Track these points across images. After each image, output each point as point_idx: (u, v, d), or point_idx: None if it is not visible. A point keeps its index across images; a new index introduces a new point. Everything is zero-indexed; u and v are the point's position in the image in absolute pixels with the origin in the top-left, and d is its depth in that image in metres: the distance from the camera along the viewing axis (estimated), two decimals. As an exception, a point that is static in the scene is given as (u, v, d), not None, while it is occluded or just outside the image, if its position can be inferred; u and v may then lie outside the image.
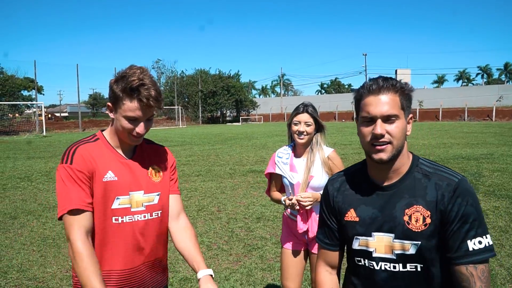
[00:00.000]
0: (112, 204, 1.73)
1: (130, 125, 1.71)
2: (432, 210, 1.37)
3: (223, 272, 4.42)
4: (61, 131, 41.75)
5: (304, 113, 2.75)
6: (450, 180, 1.38)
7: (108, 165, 1.75)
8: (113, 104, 1.73)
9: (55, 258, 4.98)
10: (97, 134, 1.86)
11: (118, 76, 1.70)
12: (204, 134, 30.19)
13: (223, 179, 10.16)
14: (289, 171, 2.80)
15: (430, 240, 1.37)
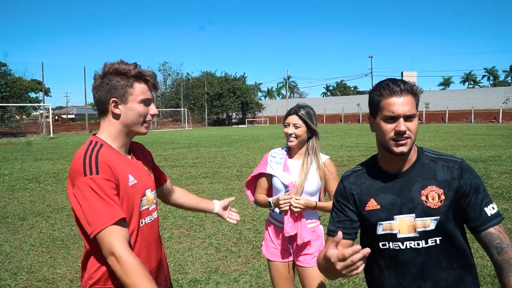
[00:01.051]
0: (140, 207, 1.72)
1: (145, 109, 1.72)
2: (445, 188, 1.57)
3: (232, 274, 4.42)
4: (68, 133, 42.01)
5: (293, 115, 2.68)
6: (454, 161, 1.62)
7: (125, 169, 1.67)
8: (119, 96, 1.67)
9: (64, 260, 5.00)
10: (96, 139, 1.70)
11: (108, 72, 1.67)
12: (210, 136, 30.24)
13: (230, 181, 10.17)
14: (281, 171, 2.72)
15: (446, 213, 1.56)
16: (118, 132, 1.72)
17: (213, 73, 67.53)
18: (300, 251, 2.68)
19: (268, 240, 2.81)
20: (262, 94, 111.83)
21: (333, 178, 2.69)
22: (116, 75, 1.66)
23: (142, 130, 1.75)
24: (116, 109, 1.68)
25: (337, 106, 65.20)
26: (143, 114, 1.72)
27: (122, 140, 1.74)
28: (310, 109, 2.77)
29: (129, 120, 1.70)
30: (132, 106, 1.68)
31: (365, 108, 64.83)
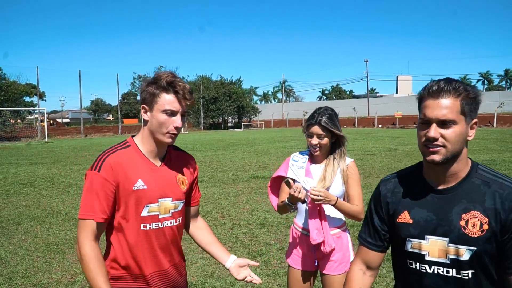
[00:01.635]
0: (142, 212, 1.79)
1: (168, 120, 1.76)
2: (491, 217, 1.36)
3: (228, 278, 4.41)
4: (63, 137, 41.81)
5: (316, 125, 2.51)
6: (509, 186, 1.38)
7: (138, 173, 1.79)
8: (148, 103, 1.78)
9: (59, 264, 4.98)
10: (128, 140, 1.89)
11: (150, 80, 1.79)
12: (206, 140, 30.22)
13: (226, 185, 10.16)
14: (303, 175, 2.58)
15: (485, 246, 1.36)
16: (146, 136, 1.84)
17: (208, 77, 67.45)
18: (325, 258, 2.61)
19: (292, 247, 2.74)
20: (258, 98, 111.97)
21: (355, 182, 2.57)
22: (152, 84, 1.77)
23: (164, 139, 1.80)
24: (145, 115, 1.81)
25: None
26: (165, 124, 1.76)
27: (151, 145, 1.84)
28: (331, 111, 2.60)
29: (152, 128, 1.79)
30: (155, 115, 1.76)
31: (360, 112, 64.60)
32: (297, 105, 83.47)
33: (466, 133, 1.39)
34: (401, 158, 15.09)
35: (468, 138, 1.41)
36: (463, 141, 1.40)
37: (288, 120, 68.67)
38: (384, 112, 62.09)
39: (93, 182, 1.72)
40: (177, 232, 1.96)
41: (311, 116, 2.60)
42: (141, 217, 1.79)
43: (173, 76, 1.76)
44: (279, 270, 4.62)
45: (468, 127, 1.40)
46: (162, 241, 1.87)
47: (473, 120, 1.40)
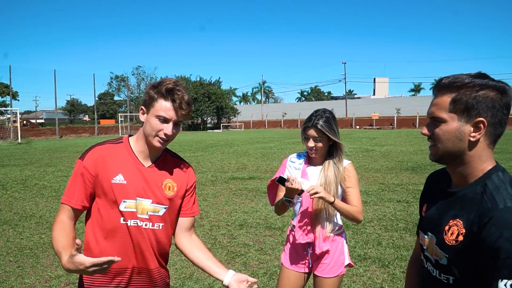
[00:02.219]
0: (120, 205, 1.83)
1: (159, 125, 1.79)
2: (468, 230, 1.26)
3: (207, 280, 4.39)
4: (37, 138, 40.85)
5: (312, 128, 2.50)
6: (495, 203, 1.22)
7: (120, 168, 1.84)
8: (146, 105, 1.83)
9: (33, 269, 4.85)
10: (123, 137, 1.95)
11: (155, 83, 1.84)
12: (185, 141, 30.01)
13: (204, 187, 10.12)
14: (300, 177, 2.58)
15: (458, 257, 1.29)
16: (140, 136, 1.89)
17: (187, 77, 67.06)
18: (319, 260, 2.60)
19: (288, 248, 2.72)
20: (237, 99, 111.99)
21: (353, 184, 2.56)
22: (154, 87, 1.81)
23: (154, 142, 1.83)
24: (142, 116, 1.86)
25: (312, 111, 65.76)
26: (156, 129, 1.79)
27: (142, 145, 1.89)
28: (329, 114, 2.57)
29: (145, 130, 1.84)
30: (149, 118, 1.81)
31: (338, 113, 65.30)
32: (276, 106, 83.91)
33: (460, 132, 1.30)
34: (378, 159, 15.33)
35: (470, 138, 1.29)
36: (457, 140, 1.31)
37: (267, 121, 68.86)
38: (362, 113, 62.97)
39: (76, 170, 1.84)
40: (160, 237, 1.90)
41: (309, 118, 2.58)
42: (120, 211, 1.83)
43: (175, 84, 1.80)
44: (258, 271, 4.62)
45: (466, 126, 1.29)
46: (138, 240, 1.85)
47: (475, 118, 1.27)
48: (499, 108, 1.26)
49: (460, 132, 1.30)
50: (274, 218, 6.86)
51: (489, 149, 1.32)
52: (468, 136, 1.29)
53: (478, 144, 1.30)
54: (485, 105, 1.26)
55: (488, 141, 1.31)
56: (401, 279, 4.29)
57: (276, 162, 15.05)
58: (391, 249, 5.26)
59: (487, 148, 1.32)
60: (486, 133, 1.29)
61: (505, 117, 1.29)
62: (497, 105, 1.26)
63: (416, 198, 8.23)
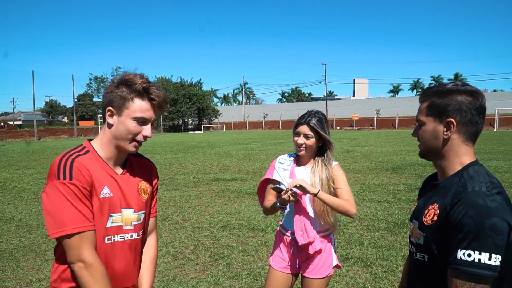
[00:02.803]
0: (107, 222, 1.65)
1: (137, 128, 1.65)
2: (441, 211, 1.45)
3: (190, 282, 4.39)
4: (15, 140, 40.00)
5: (305, 124, 2.54)
6: (465, 187, 1.42)
7: (103, 180, 1.64)
8: (116, 106, 1.63)
9: (13, 272, 4.76)
10: (86, 145, 1.71)
11: (119, 81, 1.64)
12: (166, 143, 29.78)
13: (187, 188, 10.07)
14: (288, 178, 2.61)
15: (432, 235, 1.46)
16: (108, 141, 1.69)
17: (168, 78, 66.65)
18: (308, 261, 2.62)
19: (276, 249, 2.74)
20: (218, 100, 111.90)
21: (342, 180, 2.60)
22: (124, 85, 1.63)
23: (129, 148, 1.68)
24: (110, 118, 1.66)
25: (293, 112, 66.11)
26: (133, 132, 1.65)
27: (111, 151, 1.70)
28: (322, 115, 2.62)
29: (118, 133, 1.65)
30: (124, 120, 1.63)
31: (320, 114, 66.83)
32: (257, 108, 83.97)
33: (435, 131, 1.51)
34: (358, 160, 15.50)
35: (444, 136, 1.50)
36: (433, 138, 1.52)
37: (248, 122, 68.89)
38: (342, 114, 63.61)
39: (70, 193, 1.53)
40: (140, 247, 1.82)
41: (301, 116, 2.62)
42: (107, 228, 1.64)
43: (148, 81, 1.65)
44: (241, 272, 4.63)
45: (440, 126, 1.50)
46: (125, 256, 1.72)
47: (446, 119, 1.48)
48: (467, 110, 1.46)
49: (435, 131, 1.52)
50: (257, 219, 6.89)
51: (465, 145, 1.51)
52: (442, 134, 1.51)
53: (451, 141, 1.50)
54: (453, 107, 1.47)
55: (463, 138, 1.50)
56: (383, 279, 4.37)
57: (258, 163, 15.08)
58: (373, 249, 5.33)
59: (462, 144, 1.51)
60: (459, 131, 1.48)
61: (476, 117, 1.47)
62: (465, 107, 1.46)
63: (397, 198, 8.37)
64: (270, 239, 5.76)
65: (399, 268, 4.64)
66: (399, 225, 6.38)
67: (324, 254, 2.63)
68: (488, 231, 1.30)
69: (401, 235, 5.87)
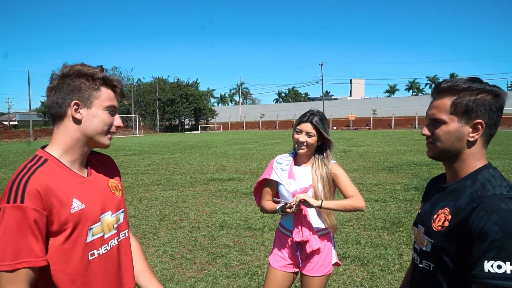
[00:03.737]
0: (87, 237, 1.45)
1: (111, 118, 1.52)
2: (455, 216, 1.33)
3: (188, 281, 4.39)
4: (10, 140, 39.83)
5: (307, 122, 2.56)
6: (484, 191, 1.30)
7: (70, 192, 1.42)
8: (83, 98, 1.46)
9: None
10: (42, 154, 1.47)
11: (70, 73, 1.46)
12: (163, 143, 29.77)
13: (184, 188, 10.07)
14: (287, 178, 2.63)
15: (443, 242, 1.35)
16: (74, 141, 1.48)
17: (165, 78, 66.56)
18: (308, 259, 2.64)
19: (276, 248, 2.75)
20: (215, 100, 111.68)
21: (344, 177, 2.63)
22: (80, 77, 1.46)
23: (106, 141, 1.53)
24: (77, 113, 1.46)
25: (289, 113, 66.28)
26: (108, 123, 1.51)
27: (78, 151, 1.50)
28: (322, 115, 2.66)
29: (91, 128, 1.48)
30: (96, 112, 1.48)
31: (316, 114, 67.58)
32: (254, 108, 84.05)
33: (460, 132, 1.39)
34: (355, 159, 15.54)
35: (469, 138, 1.38)
36: (456, 140, 1.39)
37: (245, 122, 68.93)
38: (339, 114, 63.78)
39: (19, 218, 1.27)
40: (126, 249, 1.66)
41: (303, 114, 2.64)
42: (87, 244, 1.45)
43: (99, 67, 1.51)
44: (239, 271, 4.65)
45: (465, 127, 1.38)
46: (113, 267, 1.56)
47: (474, 120, 1.36)
48: (495, 111, 1.36)
49: (460, 132, 1.38)
50: (254, 219, 6.90)
51: (483, 148, 1.41)
52: (466, 136, 1.38)
53: (474, 143, 1.40)
54: (483, 108, 1.35)
55: (483, 141, 1.40)
56: (380, 277, 4.39)
57: (255, 163, 15.10)
58: (369, 248, 5.36)
59: (482, 147, 1.41)
60: (483, 133, 1.38)
61: (499, 119, 1.38)
62: (493, 108, 1.36)
63: (393, 197, 8.40)
64: (268, 238, 5.77)
65: (396, 266, 4.67)
66: (395, 224, 6.41)
67: (323, 252, 2.64)
68: None
69: (398, 234, 5.90)
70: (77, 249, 1.42)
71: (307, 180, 2.61)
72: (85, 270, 1.45)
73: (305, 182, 2.61)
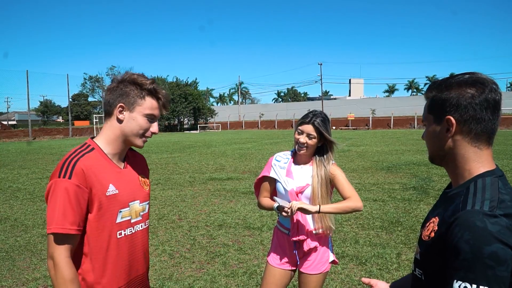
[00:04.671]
0: (116, 218, 1.72)
1: (147, 124, 1.74)
2: (439, 228, 1.24)
3: (187, 280, 4.41)
4: (9, 140, 39.82)
5: (309, 124, 2.57)
6: (464, 205, 1.19)
7: (108, 178, 1.70)
8: (128, 103, 1.71)
9: (10, 272, 4.77)
10: (90, 143, 1.75)
11: (127, 80, 1.73)
12: (162, 142, 29.77)
13: (183, 187, 10.09)
14: (285, 176, 2.65)
15: (428, 253, 1.28)
16: (115, 137, 1.75)
17: (164, 78, 66.58)
18: (305, 257, 2.65)
19: (274, 246, 2.77)
20: (214, 99, 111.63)
21: (342, 178, 2.64)
22: (132, 84, 1.71)
23: (139, 142, 1.77)
24: (121, 114, 1.72)
25: (288, 112, 66.25)
26: (144, 128, 1.74)
27: (118, 146, 1.76)
28: (325, 116, 2.66)
29: (129, 129, 1.73)
30: (136, 116, 1.72)
31: (315, 114, 68.01)
32: (253, 107, 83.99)
33: (436, 131, 1.29)
34: (354, 159, 15.56)
35: (446, 137, 1.27)
36: (437, 140, 1.30)
37: (244, 122, 68.90)
38: (338, 114, 63.74)
39: (65, 191, 1.56)
40: (146, 236, 1.91)
41: (306, 115, 2.65)
42: (117, 224, 1.72)
43: (154, 81, 1.76)
44: (237, 270, 4.66)
45: (439, 126, 1.28)
46: (136, 248, 1.81)
47: (444, 117, 1.25)
48: (468, 104, 1.21)
49: (436, 131, 1.29)
50: (253, 218, 6.92)
51: (472, 147, 1.25)
52: (443, 135, 1.27)
53: (455, 143, 1.26)
54: (450, 103, 1.23)
55: (468, 139, 1.24)
56: (378, 277, 4.40)
57: (254, 162, 15.12)
58: (368, 247, 5.38)
59: (469, 146, 1.25)
60: (461, 131, 1.24)
61: (481, 113, 1.21)
62: (464, 101, 1.21)
63: (392, 197, 8.42)
64: (266, 237, 5.79)
65: (394, 266, 4.69)
66: (393, 223, 6.43)
67: (321, 250, 2.66)
68: (487, 260, 1.07)
69: (396, 234, 5.92)
70: (108, 227, 1.68)
71: (305, 179, 2.63)
72: (114, 245, 1.71)
73: (303, 181, 2.62)
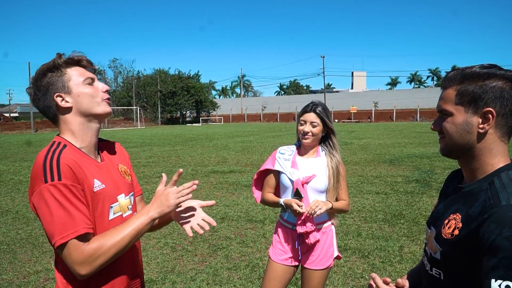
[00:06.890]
0: (109, 215, 1.55)
1: (93, 87, 1.58)
2: (466, 224, 1.19)
3: (189, 273, 4.40)
4: (11, 132, 39.90)
5: (311, 112, 2.59)
6: (497, 199, 1.15)
7: (91, 173, 1.52)
8: (61, 88, 1.53)
9: (10, 264, 4.77)
10: (60, 140, 1.55)
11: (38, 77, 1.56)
12: (164, 135, 29.76)
13: (185, 180, 9.99)
14: (290, 167, 2.64)
15: (452, 252, 1.23)
16: (79, 125, 1.56)
17: (166, 70, 66.36)
18: (309, 252, 2.63)
19: (276, 242, 2.74)
20: (216, 92, 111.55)
21: (344, 178, 2.69)
22: (46, 74, 1.53)
23: (105, 108, 1.59)
24: (65, 103, 1.53)
25: (291, 105, 66.03)
26: (94, 93, 1.57)
27: (87, 136, 1.58)
28: (325, 106, 2.70)
29: (84, 106, 1.55)
30: (78, 92, 1.54)
31: (318, 106, 68.46)
32: (255, 100, 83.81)
33: (467, 124, 1.24)
34: (356, 152, 15.53)
35: (479, 130, 1.23)
36: (465, 133, 1.25)
37: (246, 114, 68.81)
38: (340, 107, 63.59)
39: (59, 194, 1.37)
40: None
41: (306, 105, 2.68)
42: (110, 221, 1.55)
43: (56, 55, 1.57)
44: (240, 263, 4.65)
45: (474, 118, 1.23)
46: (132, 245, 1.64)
47: (483, 109, 1.22)
48: (509, 98, 1.20)
49: (468, 124, 1.24)
50: (255, 211, 6.91)
51: (501, 142, 1.24)
52: (476, 127, 1.23)
53: (487, 136, 1.24)
54: (493, 95, 1.20)
55: (500, 133, 1.23)
56: (380, 269, 4.39)
57: (256, 155, 15.09)
58: (370, 239, 5.36)
59: (499, 141, 1.24)
60: (496, 124, 1.22)
61: None
62: (506, 95, 1.20)
63: (394, 189, 8.39)
64: (269, 230, 5.78)
65: (396, 258, 4.67)
66: (396, 216, 6.41)
67: (325, 245, 2.64)
68: None
69: (398, 226, 5.90)
70: (102, 224, 1.52)
71: (310, 170, 2.62)
72: None
73: (309, 171, 2.62)
